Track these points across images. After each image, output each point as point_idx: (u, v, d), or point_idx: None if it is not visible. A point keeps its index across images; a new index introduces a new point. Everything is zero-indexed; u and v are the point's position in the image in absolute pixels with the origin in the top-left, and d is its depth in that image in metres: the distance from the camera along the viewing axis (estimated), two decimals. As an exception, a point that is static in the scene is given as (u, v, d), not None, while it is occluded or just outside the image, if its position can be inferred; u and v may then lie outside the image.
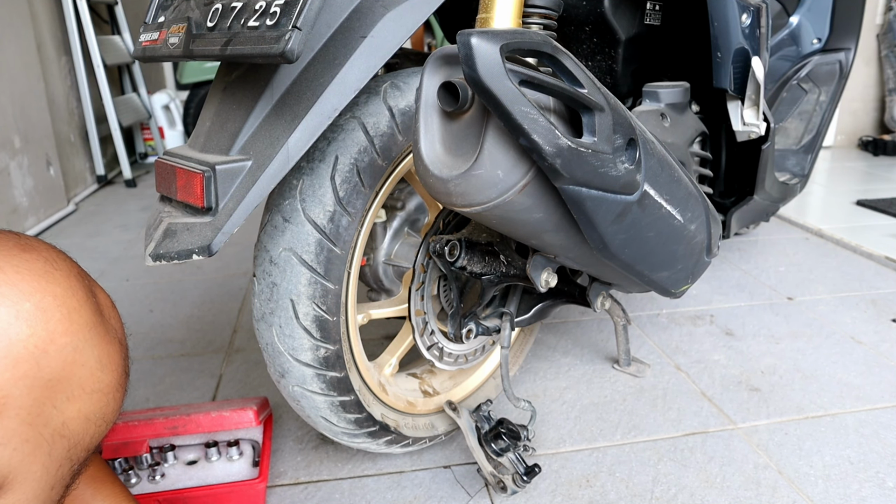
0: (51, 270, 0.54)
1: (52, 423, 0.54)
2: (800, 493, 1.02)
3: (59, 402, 0.54)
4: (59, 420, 0.55)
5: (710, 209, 0.98)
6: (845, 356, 1.44)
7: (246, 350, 1.51)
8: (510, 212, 0.70)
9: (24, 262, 0.53)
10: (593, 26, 1.20)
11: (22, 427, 0.51)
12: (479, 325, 1.04)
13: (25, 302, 0.51)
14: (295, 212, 0.83)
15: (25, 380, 0.51)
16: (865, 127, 3.86)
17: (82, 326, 0.55)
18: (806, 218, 2.43)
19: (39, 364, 0.51)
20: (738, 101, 1.18)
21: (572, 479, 1.06)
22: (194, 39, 0.76)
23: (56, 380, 0.53)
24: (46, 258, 0.55)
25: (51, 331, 0.52)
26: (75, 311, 0.55)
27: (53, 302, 0.53)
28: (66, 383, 0.54)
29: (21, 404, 0.51)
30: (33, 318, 0.51)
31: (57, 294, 0.54)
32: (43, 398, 0.52)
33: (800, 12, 1.67)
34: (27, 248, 0.55)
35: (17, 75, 2.46)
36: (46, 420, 0.53)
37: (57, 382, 0.53)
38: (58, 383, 0.53)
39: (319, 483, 1.07)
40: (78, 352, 0.55)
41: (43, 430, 0.53)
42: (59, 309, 0.53)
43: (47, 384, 0.52)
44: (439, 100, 0.68)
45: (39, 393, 0.52)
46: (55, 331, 0.53)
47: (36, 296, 0.52)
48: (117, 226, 2.58)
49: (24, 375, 0.50)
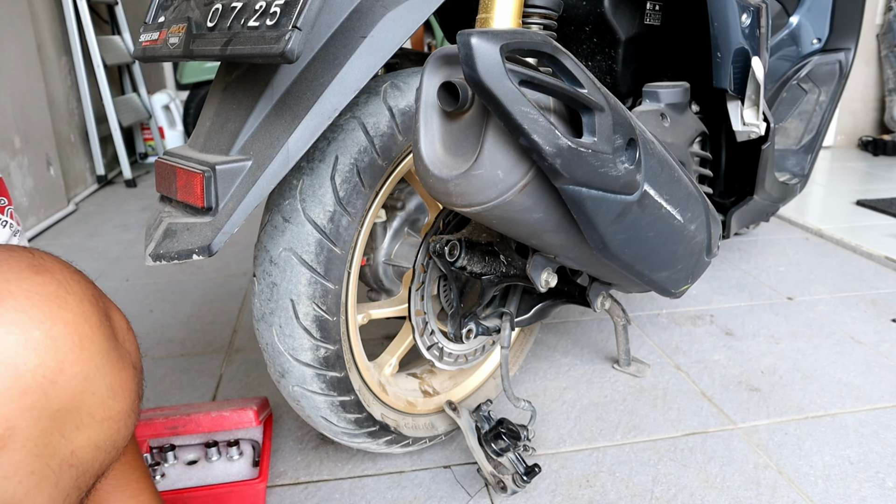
0: (63, 295, 0.52)
1: (59, 454, 0.52)
2: (800, 493, 1.02)
3: (68, 432, 0.52)
4: (68, 450, 0.53)
5: (710, 209, 0.98)
6: (845, 356, 1.44)
7: (246, 350, 1.51)
8: (510, 212, 0.70)
9: (35, 286, 0.51)
10: (593, 26, 1.20)
11: (28, 459, 0.49)
12: (479, 325, 1.04)
13: (35, 330, 0.49)
14: (295, 212, 0.83)
15: (33, 411, 0.49)
16: (865, 127, 3.86)
17: (94, 354, 0.53)
18: (806, 218, 2.43)
19: (48, 395, 0.49)
20: (738, 101, 1.18)
21: (572, 479, 1.06)
22: (194, 39, 0.76)
23: (65, 410, 0.51)
24: (59, 281, 0.53)
25: (61, 360, 0.50)
26: (87, 338, 0.53)
27: (65, 330, 0.51)
28: (76, 413, 0.52)
29: (28, 436, 0.49)
30: (43, 347, 0.49)
31: (69, 321, 0.51)
32: (51, 429, 0.50)
33: (800, 12, 1.67)
34: (40, 269, 0.52)
35: (17, 75, 2.46)
36: (54, 451, 0.51)
37: (66, 412, 0.51)
38: (66, 413, 0.51)
39: (319, 483, 1.07)
40: (89, 381, 0.52)
41: (50, 461, 0.51)
42: (70, 337, 0.51)
43: (55, 415, 0.50)
44: (439, 100, 0.68)
45: (47, 424, 0.50)
46: (65, 360, 0.50)
47: (46, 323, 0.50)
48: (117, 226, 2.58)
49: (31, 406, 0.48)
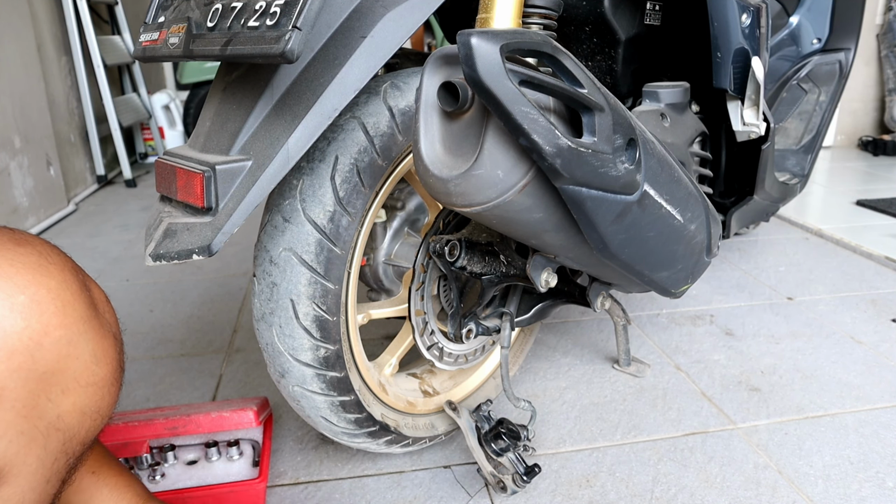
0: (45, 264, 0.54)
1: (47, 416, 0.54)
2: (800, 493, 1.02)
3: (54, 395, 0.54)
4: (55, 413, 0.55)
5: (710, 209, 0.98)
6: (845, 356, 1.44)
7: (246, 350, 1.51)
8: (510, 212, 0.70)
9: (18, 256, 0.53)
10: (593, 26, 1.20)
11: (17, 419, 0.51)
12: (479, 325, 1.04)
13: (20, 294, 0.51)
14: (295, 212, 0.83)
15: (20, 372, 0.51)
16: (865, 127, 3.86)
17: (76, 319, 0.55)
18: (806, 218, 2.43)
19: (34, 356, 0.52)
20: (738, 101, 1.18)
21: (572, 479, 1.06)
22: (194, 39, 0.76)
23: (51, 372, 0.53)
24: (40, 252, 0.55)
25: (45, 323, 0.52)
26: (69, 304, 0.55)
27: (48, 295, 0.53)
28: (61, 376, 0.54)
29: (16, 396, 0.51)
30: (28, 310, 0.51)
31: (51, 287, 0.54)
32: (38, 391, 0.52)
33: (800, 12, 1.67)
34: (21, 242, 0.55)
35: (17, 75, 2.46)
36: (41, 413, 0.53)
37: (52, 375, 0.53)
38: (52, 376, 0.53)
39: (319, 483, 1.07)
40: (72, 345, 0.55)
41: (38, 422, 0.53)
42: (53, 302, 0.53)
43: (42, 377, 0.53)
44: (439, 100, 0.68)
45: (34, 385, 0.52)
46: (50, 323, 0.53)
47: (30, 288, 0.52)
48: (117, 226, 2.58)
49: (18, 368, 0.51)
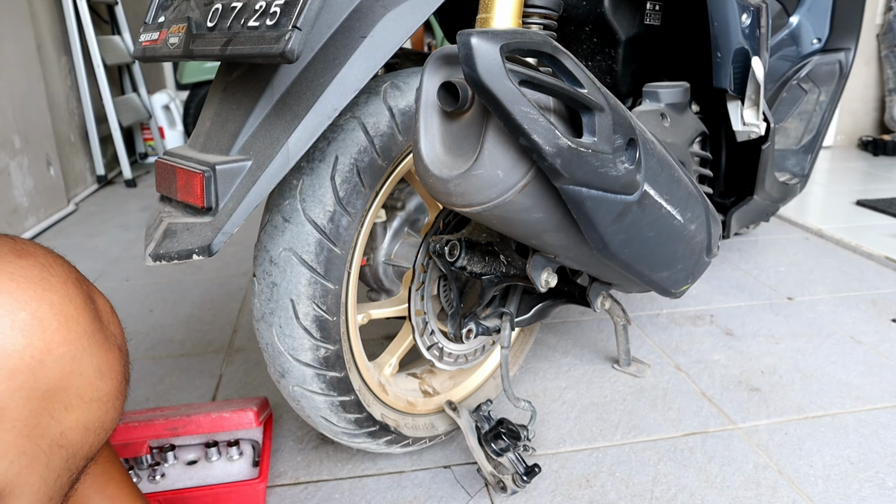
0: (47, 277, 0.53)
1: (49, 434, 0.53)
2: (800, 493, 1.02)
3: (57, 413, 0.53)
4: (57, 430, 0.53)
5: (710, 209, 0.98)
6: (845, 356, 1.44)
7: (246, 350, 1.51)
8: (510, 212, 0.70)
9: (19, 269, 0.51)
10: (593, 26, 1.20)
11: (18, 439, 0.50)
12: (479, 325, 1.04)
13: (21, 311, 0.50)
14: (295, 212, 0.83)
15: (22, 391, 0.49)
16: (865, 127, 3.86)
17: (80, 335, 0.54)
18: (806, 218, 2.43)
19: (36, 375, 0.50)
20: (738, 101, 1.18)
21: (572, 479, 1.06)
22: (194, 39, 0.76)
23: (53, 390, 0.52)
24: (43, 264, 0.54)
25: (47, 340, 0.51)
26: (73, 319, 0.53)
27: (50, 310, 0.52)
28: (64, 393, 0.53)
29: (17, 416, 0.50)
30: (29, 327, 0.50)
31: (54, 302, 0.52)
32: (40, 409, 0.51)
33: (800, 12, 1.67)
34: (23, 253, 0.53)
35: (17, 75, 2.46)
36: (44, 431, 0.52)
37: (54, 393, 0.52)
38: (55, 394, 0.52)
39: (319, 483, 1.07)
40: (76, 361, 0.53)
41: (40, 441, 0.52)
42: (56, 318, 0.52)
43: (44, 395, 0.51)
44: (439, 100, 0.68)
45: (36, 404, 0.51)
46: (52, 340, 0.51)
47: (32, 304, 0.50)
48: (117, 226, 2.58)
49: (20, 387, 0.49)
